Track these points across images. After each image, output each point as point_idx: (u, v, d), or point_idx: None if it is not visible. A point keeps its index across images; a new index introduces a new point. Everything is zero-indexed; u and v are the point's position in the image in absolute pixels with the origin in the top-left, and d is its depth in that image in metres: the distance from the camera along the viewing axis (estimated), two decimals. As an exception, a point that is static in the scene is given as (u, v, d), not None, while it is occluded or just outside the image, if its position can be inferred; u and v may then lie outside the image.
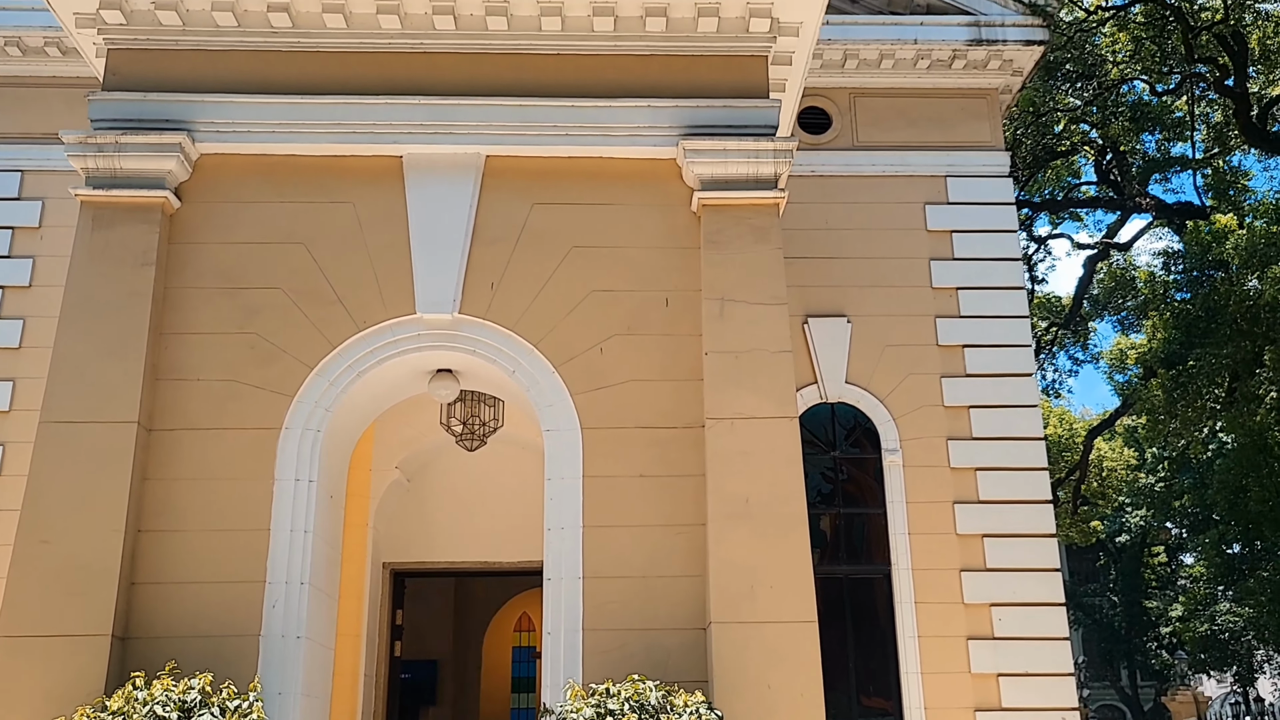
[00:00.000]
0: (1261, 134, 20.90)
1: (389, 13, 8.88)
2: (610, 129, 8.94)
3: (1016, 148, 21.35)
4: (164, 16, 8.79)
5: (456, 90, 8.97)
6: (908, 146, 13.01)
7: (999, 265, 12.68)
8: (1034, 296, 25.77)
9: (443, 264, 8.63)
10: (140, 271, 8.30)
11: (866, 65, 13.09)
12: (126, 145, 8.48)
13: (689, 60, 9.21)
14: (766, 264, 8.64)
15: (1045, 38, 13.17)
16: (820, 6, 9.12)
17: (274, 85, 8.86)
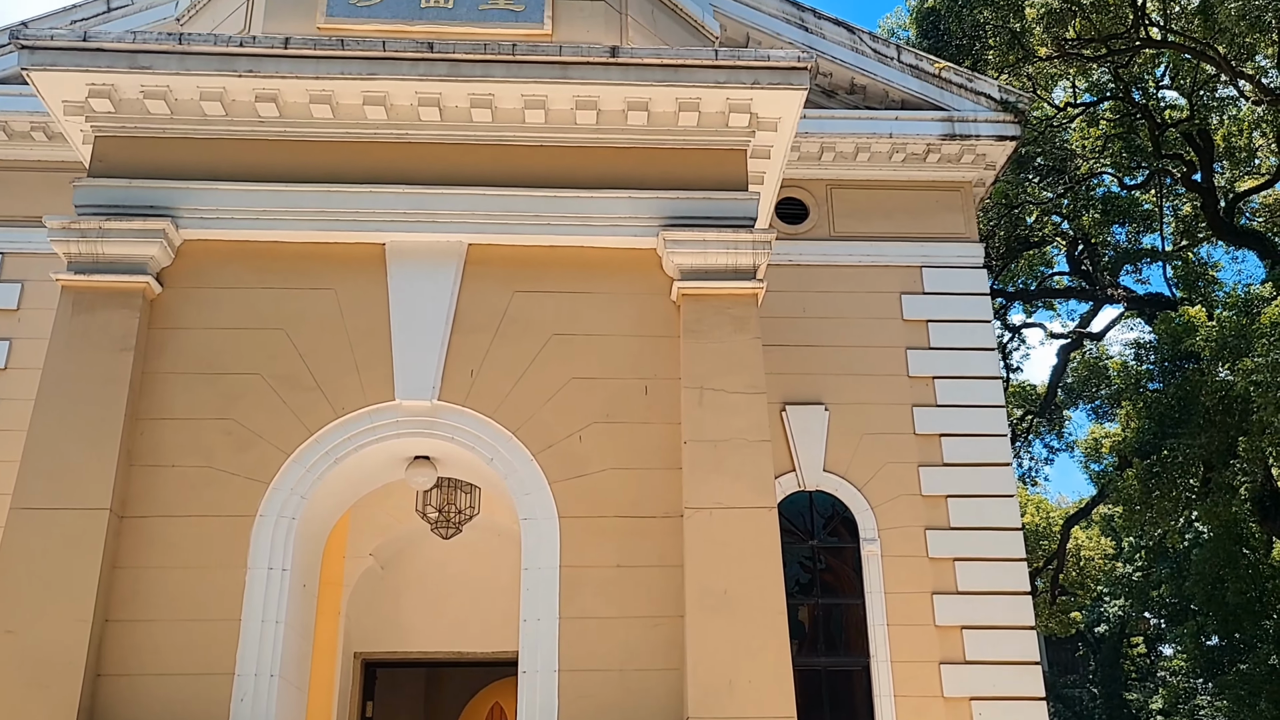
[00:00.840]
0: (1229, 228, 21.38)
1: (375, 104, 9.02)
2: (591, 219, 9.06)
3: (990, 238, 21.74)
4: (152, 105, 8.89)
5: (440, 180, 9.07)
6: (884, 237, 13.22)
7: (975, 354, 12.81)
8: (1009, 385, 26.00)
9: (423, 351, 8.64)
10: (119, 357, 8.27)
11: (843, 158, 13.36)
12: (110, 231, 8.51)
13: (670, 153, 9.36)
14: (745, 353, 8.70)
15: (1017, 133, 13.50)
16: (798, 103, 9.32)
17: (259, 173, 8.94)
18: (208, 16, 10.64)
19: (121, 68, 8.65)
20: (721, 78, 9.10)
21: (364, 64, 8.84)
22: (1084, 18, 18.22)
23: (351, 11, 9.78)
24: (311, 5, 9.76)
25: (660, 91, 9.10)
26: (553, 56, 8.95)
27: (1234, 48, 18.45)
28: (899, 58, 13.68)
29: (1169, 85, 22.04)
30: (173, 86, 8.80)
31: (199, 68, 8.70)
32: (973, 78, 13.72)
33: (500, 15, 9.92)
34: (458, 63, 8.92)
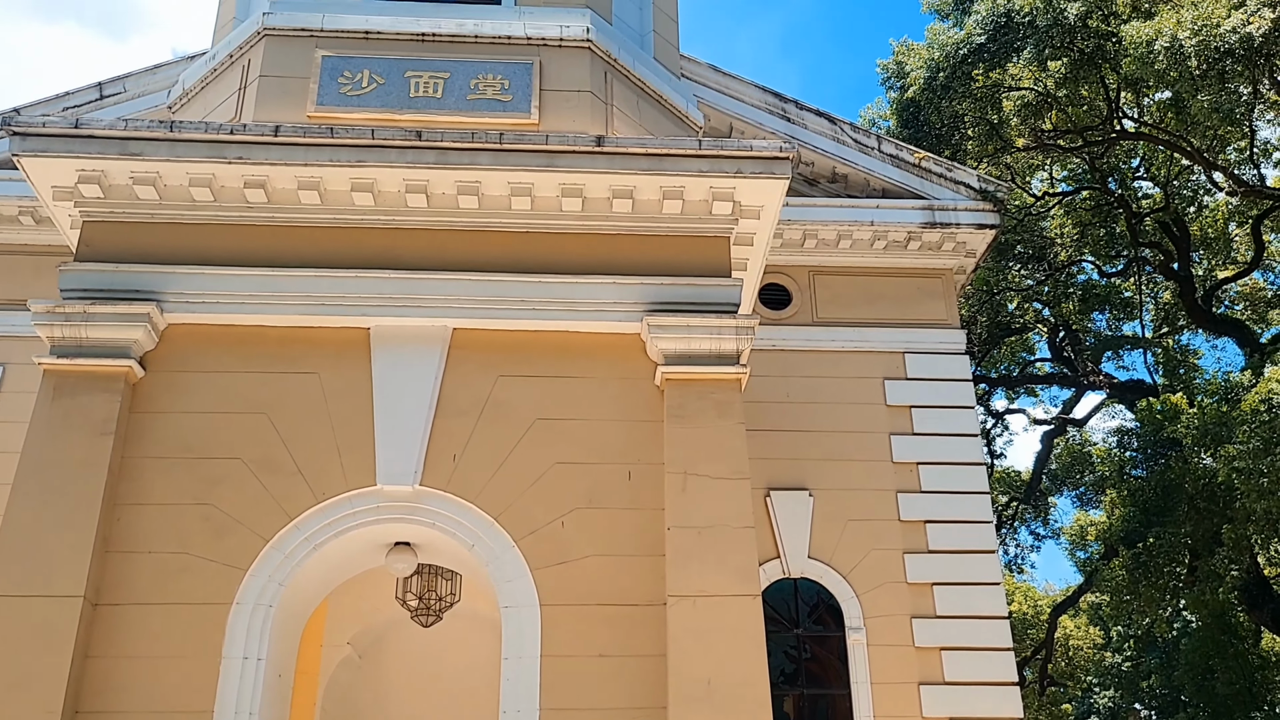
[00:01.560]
0: (1208, 316, 21.65)
1: (363, 190, 9.12)
2: (576, 304, 9.11)
3: (972, 324, 21.93)
4: (141, 191, 8.96)
5: (426, 265, 9.13)
6: (866, 323, 13.33)
7: (958, 441, 12.84)
8: (993, 471, 26.01)
9: (406, 435, 8.61)
10: (99, 441, 8.21)
11: (825, 245, 13.53)
12: (94, 315, 8.52)
13: (654, 240, 9.46)
14: (729, 439, 8.70)
15: (996, 222, 13.72)
16: (780, 191, 9.47)
17: (245, 258, 8.99)
18: (200, 104, 10.79)
19: (112, 154, 8.74)
20: (705, 167, 9.25)
21: (353, 151, 8.95)
22: (1060, 110, 18.65)
23: (341, 100, 9.93)
24: (302, 94, 9.91)
25: (645, 180, 9.24)
26: (539, 145, 9.09)
27: (1207, 140, 18.89)
28: (880, 147, 13.95)
29: (1144, 176, 22.49)
30: (162, 173, 8.89)
31: (189, 154, 8.80)
32: (952, 167, 13.99)
33: (488, 105, 10.09)
34: (445, 150, 9.05)
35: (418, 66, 10.16)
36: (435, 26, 10.38)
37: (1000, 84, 18.17)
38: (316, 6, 10.40)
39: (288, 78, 9.97)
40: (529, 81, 10.16)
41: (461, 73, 10.16)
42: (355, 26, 10.29)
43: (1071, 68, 17.72)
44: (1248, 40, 13.79)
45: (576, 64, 10.37)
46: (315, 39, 10.19)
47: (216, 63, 10.68)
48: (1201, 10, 14.34)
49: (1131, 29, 15.27)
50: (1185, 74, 14.74)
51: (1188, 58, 14.28)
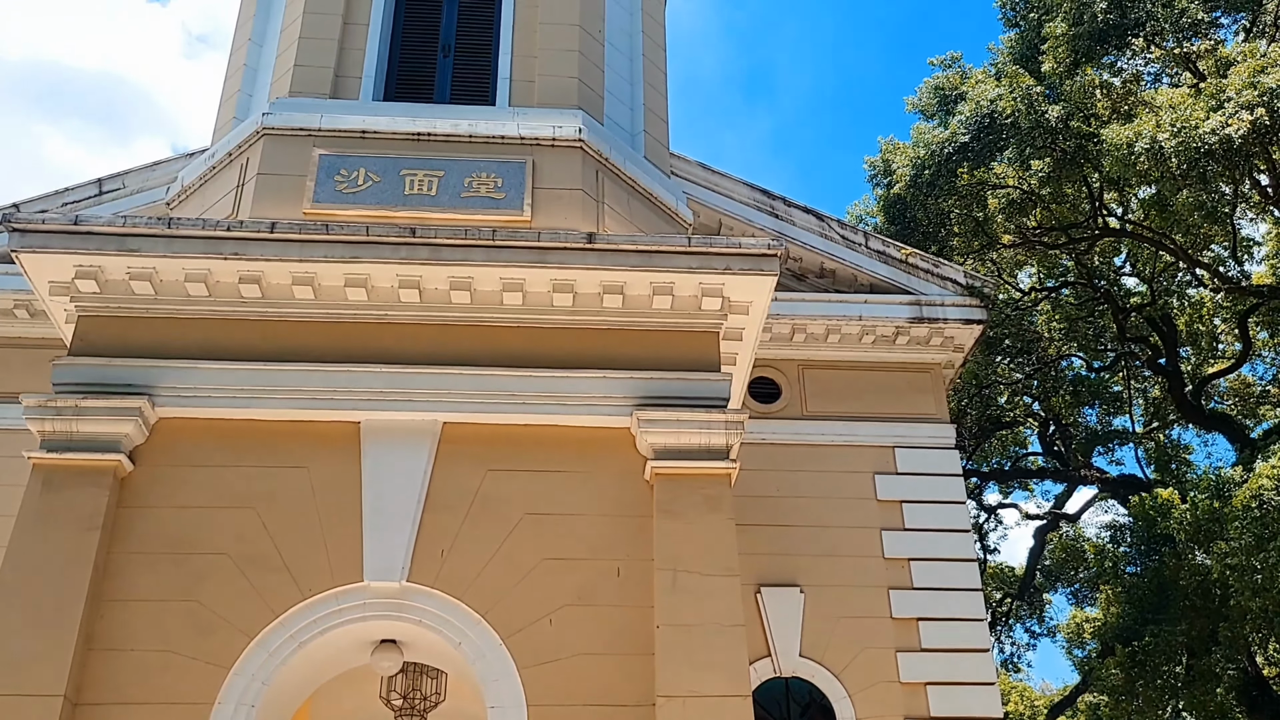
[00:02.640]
0: (1198, 411, 21.72)
1: (356, 286, 9.22)
2: (566, 398, 9.15)
3: (962, 418, 21.97)
4: (137, 286, 9.05)
5: (417, 359, 9.20)
6: (856, 417, 13.37)
7: (950, 536, 12.79)
8: (987, 567, 25.79)
9: (394, 531, 8.57)
10: (85, 536, 8.16)
11: (814, 339, 13.64)
12: (86, 409, 8.54)
13: (644, 334, 9.55)
14: (719, 535, 8.67)
15: (983, 317, 13.86)
16: (769, 288, 9.60)
17: (238, 352, 9.05)
18: (198, 201, 10.95)
19: (110, 250, 8.86)
20: (695, 263, 9.39)
21: (347, 248, 9.08)
22: (1044, 208, 18.95)
23: (337, 198, 10.09)
24: (299, 191, 10.07)
25: (635, 276, 9.37)
26: (531, 242, 9.23)
27: (1190, 237, 19.18)
28: (867, 244, 14.16)
29: (1129, 272, 22.77)
30: (159, 268, 8.99)
31: (186, 250, 8.92)
32: (939, 263, 14.18)
33: (482, 202, 10.26)
34: (439, 247, 9.19)
35: (413, 165, 10.35)
36: (431, 127, 10.60)
37: (985, 182, 18.50)
38: (315, 107, 10.63)
39: (285, 175, 10.14)
40: (522, 180, 10.35)
41: (456, 171, 10.35)
42: (352, 126, 10.51)
43: (1054, 167, 18.06)
44: (1227, 142, 14.10)
45: (569, 163, 10.58)
46: (313, 138, 10.40)
47: (215, 161, 10.88)
48: (1180, 113, 14.68)
49: (1112, 131, 15.61)
50: (1167, 174, 15.04)
51: (1168, 158, 14.58)
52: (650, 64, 12.53)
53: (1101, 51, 17.65)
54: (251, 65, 11.78)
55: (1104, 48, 17.57)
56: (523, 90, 11.32)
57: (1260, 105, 13.99)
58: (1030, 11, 20.61)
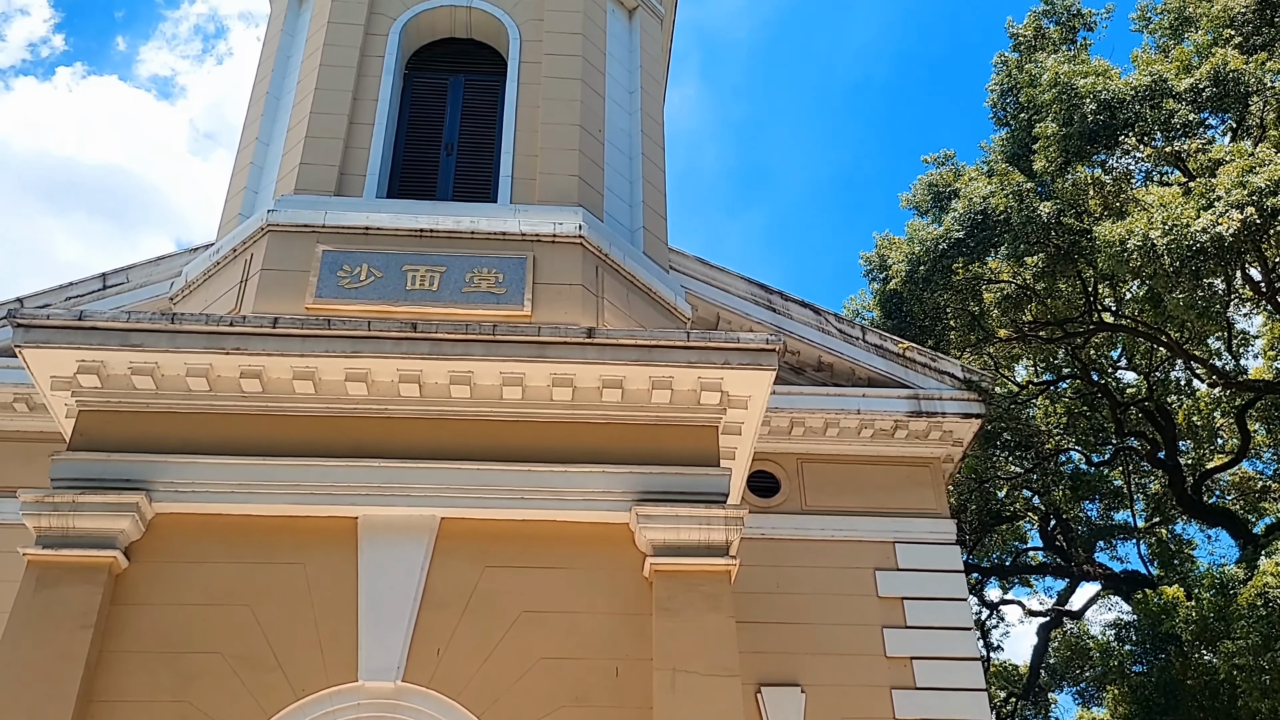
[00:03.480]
0: (1199, 505, 21.60)
1: (357, 380, 9.25)
2: (565, 493, 9.12)
3: (962, 512, 21.86)
4: (139, 381, 9.09)
5: (415, 453, 9.18)
6: (855, 512, 13.31)
7: (953, 634, 12.62)
8: (990, 665, 25.39)
9: (389, 629, 8.46)
10: (78, 634, 8.06)
11: (813, 433, 13.64)
12: (83, 504, 8.50)
13: (643, 429, 9.55)
14: (719, 633, 8.56)
15: (981, 411, 13.89)
16: (767, 382, 9.63)
17: (237, 446, 9.05)
18: (201, 296, 11.05)
19: (113, 345, 8.91)
20: (693, 358, 9.44)
21: (349, 342, 9.14)
22: (1039, 303, 19.13)
23: (340, 293, 10.19)
24: (301, 287, 10.17)
25: (634, 371, 9.41)
26: (531, 337, 9.30)
27: (1185, 333, 19.31)
28: (864, 338, 14.26)
29: (1126, 366, 22.87)
30: (161, 363, 9.04)
31: (188, 345, 8.97)
32: (936, 357, 14.26)
33: (482, 297, 10.36)
34: (439, 342, 9.24)
35: (415, 261, 10.48)
36: (434, 223, 10.75)
37: (980, 277, 18.70)
38: (319, 204, 10.81)
39: (288, 271, 10.26)
40: (523, 275, 10.46)
41: (457, 267, 10.47)
42: (356, 223, 10.66)
43: (1048, 262, 18.27)
44: (1219, 240, 14.28)
45: (569, 259, 10.71)
46: (317, 234, 10.54)
47: (220, 256, 11.01)
48: (1171, 211, 14.90)
49: (1104, 229, 15.83)
50: (1159, 270, 15.20)
51: (1161, 256, 14.76)
52: (649, 162, 12.77)
53: (1092, 151, 17.98)
54: (258, 163, 12.00)
55: (1094, 147, 17.90)
56: (524, 188, 11.52)
57: (1250, 204, 14.21)
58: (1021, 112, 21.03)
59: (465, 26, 13.17)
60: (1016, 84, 21.43)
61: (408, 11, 12.89)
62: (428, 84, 12.86)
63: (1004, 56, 22.78)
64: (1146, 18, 21.93)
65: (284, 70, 12.97)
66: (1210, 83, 17.20)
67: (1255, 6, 18.49)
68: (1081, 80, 17.98)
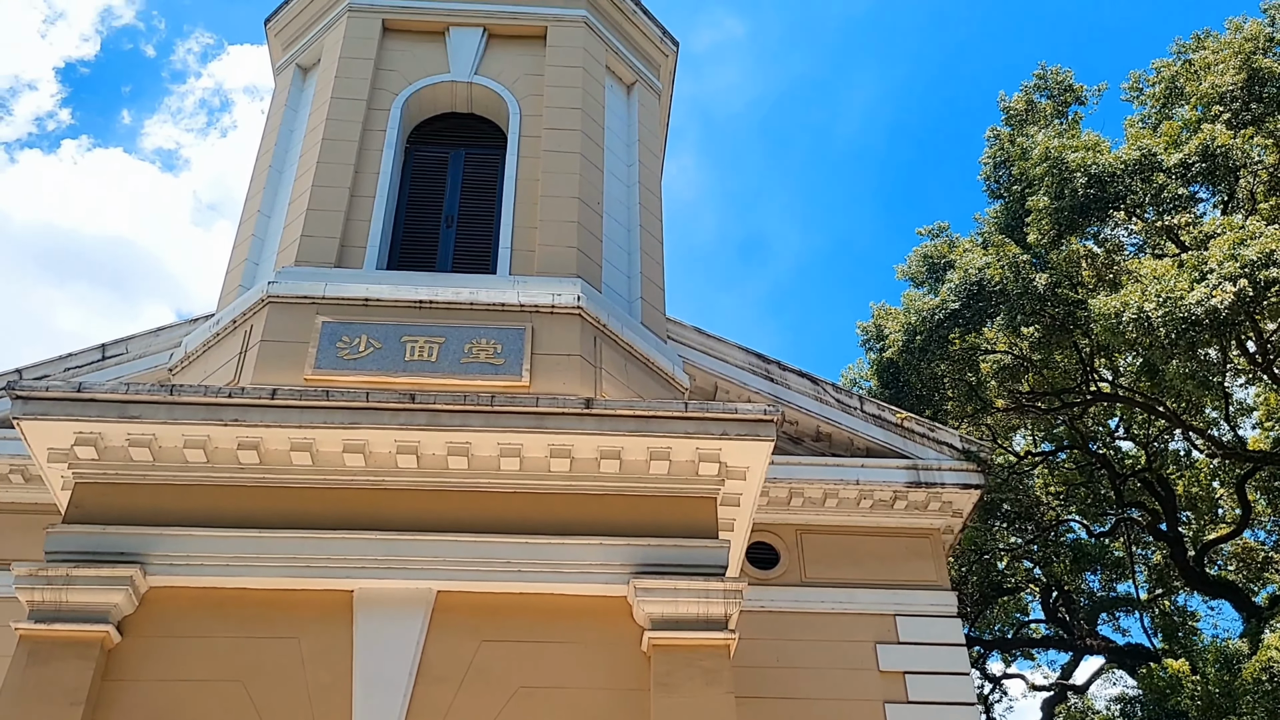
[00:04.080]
0: (1201, 577, 21.45)
1: (355, 452, 9.23)
2: (562, 566, 9.05)
3: (963, 584, 21.68)
4: (136, 453, 9.06)
5: (412, 525, 9.12)
6: (856, 584, 13.19)
7: (956, 710, 12.42)
8: (994, 740, 25.00)
9: (384, 704, 8.32)
10: (67, 712, 7.91)
11: (811, 503, 13.57)
12: (77, 578, 8.42)
13: (641, 500, 9.51)
14: (718, 710, 8.43)
15: (981, 481, 13.83)
16: (765, 453, 9.61)
17: (232, 519, 8.99)
18: (200, 367, 11.08)
19: (111, 417, 8.90)
20: (691, 429, 9.43)
21: (347, 414, 9.14)
22: (1036, 373, 19.19)
23: (339, 364, 10.22)
24: (300, 358, 10.20)
25: (632, 441, 9.40)
26: (529, 407, 9.30)
27: (1182, 403, 19.34)
28: (862, 408, 14.26)
29: (1124, 436, 22.86)
30: (159, 435, 9.03)
31: (186, 417, 8.97)
32: (934, 427, 14.24)
33: (481, 368, 10.39)
34: (437, 413, 9.25)
35: (414, 332, 10.52)
36: (433, 295, 10.82)
37: (976, 347, 18.79)
38: (320, 276, 10.88)
39: (288, 343, 10.30)
40: (521, 346, 10.50)
41: (456, 338, 10.52)
42: (355, 294, 10.73)
43: (1044, 333, 18.38)
44: (1213, 312, 14.37)
45: (567, 330, 10.76)
46: (316, 306, 10.60)
47: (220, 328, 11.06)
48: (1165, 283, 15.03)
49: (1099, 300, 15.95)
50: (1155, 342, 15.29)
51: (1156, 327, 14.85)
52: (647, 233, 12.90)
53: (1084, 223, 18.19)
54: (259, 236, 12.12)
55: (1086, 219, 18.11)
56: (523, 259, 11.62)
57: (1243, 276, 14.33)
58: (1014, 184, 21.31)
59: (466, 101, 13.40)
60: (1009, 157, 21.75)
61: (410, 87, 13.12)
62: (429, 157, 13.05)
63: (996, 130, 23.15)
64: (1138, 88, 22.32)
65: (287, 144, 13.16)
66: (1199, 157, 17.46)
67: (1243, 83, 18.83)
68: (1072, 154, 18.25)
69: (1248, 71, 18.80)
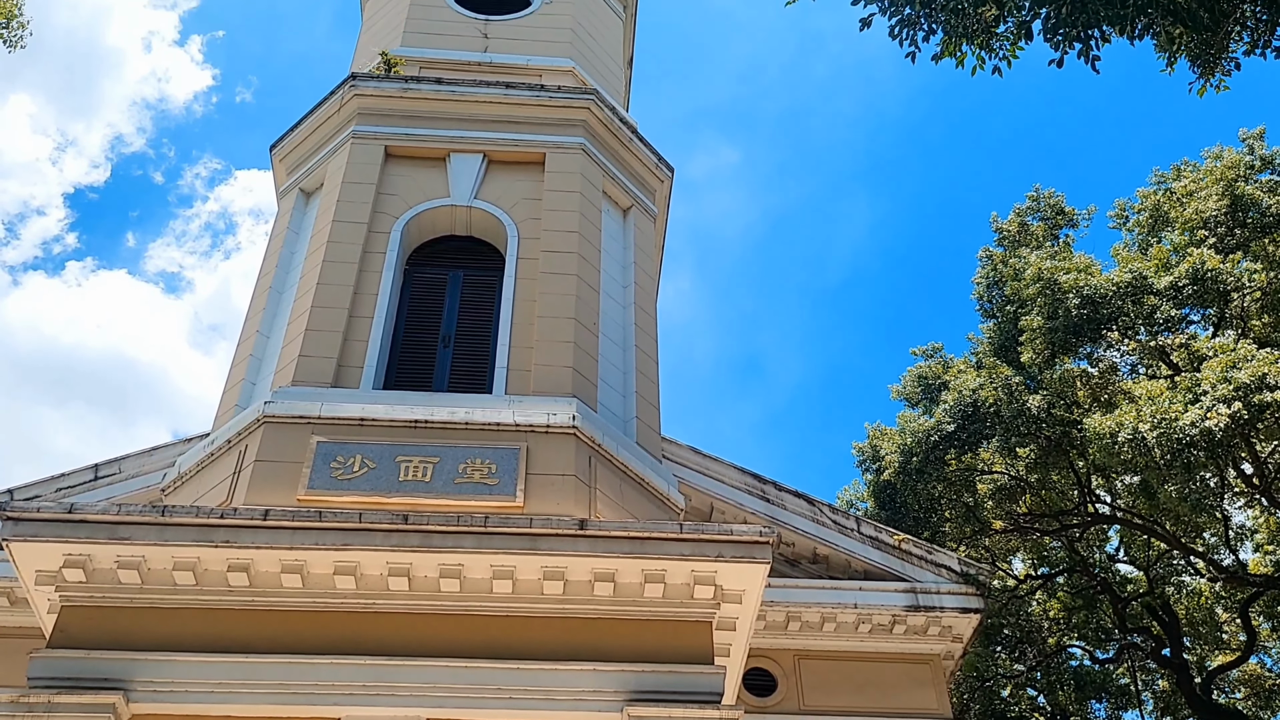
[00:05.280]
0: (1209, 705, 20.95)
1: (346, 574, 9.13)
2: (554, 693, 8.88)
3: (965, 713, 21.17)
4: (125, 575, 8.95)
5: (402, 650, 8.98)
6: (855, 712, 12.89)
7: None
8: None
9: (369, 838, 8.07)
10: (42, 844, 7.68)
11: (809, 627, 13.36)
12: (59, 705, 8.24)
13: (635, 625, 9.38)
14: (713, 846, 8.17)
15: (980, 605, 13.64)
16: (762, 575, 9.51)
17: (220, 643, 8.84)
18: (193, 487, 11.02)
19: (101, 538, 8.82)
20: (687, 550, 9.35)
21: (339, 535, 9.07)
22: (1033, 494, 19.09)
23: (332, 484, 10.18)
24: (295, 478, 10.17)
25: (627, 564, 9.31)
26: (523, 528, 9.23)
27: (1181, 526, 19.19)
28: (859, 529, 14.15)
29: (1124, 559, 22.61)
30: (148, 557, 8.93)
31: (177, 538, 8.89)
32: (932, 550, 14.12)
33: (475, 488, 10.34)
34: (430, 534, 9.18)
35: (409, 452, 10.51)
36: (428, 414, 10.84)
37: (973, 469, 18.73)
38: (316, 396, 10.92)
39: (282, 463, 10.28)
40: (515, 466, 10.48)
41: (451, 457, 10.51)
42: (351, 414, 10.75)
43: (1040, 454, 18.34)
44: (1208, 434, 14.36)
45: (562, 449, 10.75)
46: (312, 425, 10.61)
47: (215, 447, 11.04)
48: (1159, 405, 15.07)
49: (1094, 421, 15.97)
50: (1151, 463, 15.25)
51: (1151, 449, 14.83)
52: (642, 353, 13.00)
53: (1077, 343, 18.33)
54: (258, 355, 12.20)
55: (1079, 340, 18.26)
56: (519, 378, 11.68)
57: (1237, 399, 14.38)
58: (1006, 304, 21.54)
59: (465, 224, 13.65)
60: (1001, 277, 22.03)
61: (410, 210, 13.39)
62: (427, 278, 13.23)
63: (989, 251, 23.50)
64: (1124, 215, 22.75)
65: (288, 265, 13.35)
66: (1189, 280, 17.71)
67: (1226, 208, 19.23)
68: (1064, 275, 18.50)
69: (1230, 198, 19.23)
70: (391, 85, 14.54)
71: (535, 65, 15.96)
